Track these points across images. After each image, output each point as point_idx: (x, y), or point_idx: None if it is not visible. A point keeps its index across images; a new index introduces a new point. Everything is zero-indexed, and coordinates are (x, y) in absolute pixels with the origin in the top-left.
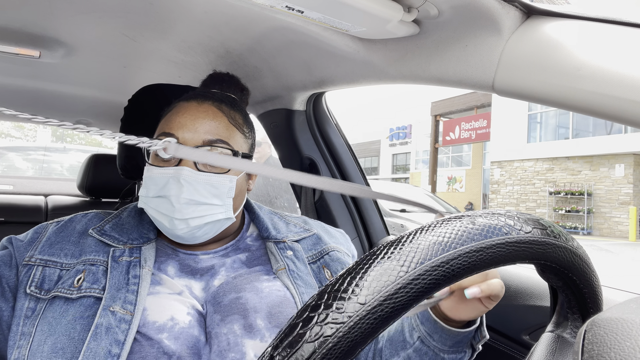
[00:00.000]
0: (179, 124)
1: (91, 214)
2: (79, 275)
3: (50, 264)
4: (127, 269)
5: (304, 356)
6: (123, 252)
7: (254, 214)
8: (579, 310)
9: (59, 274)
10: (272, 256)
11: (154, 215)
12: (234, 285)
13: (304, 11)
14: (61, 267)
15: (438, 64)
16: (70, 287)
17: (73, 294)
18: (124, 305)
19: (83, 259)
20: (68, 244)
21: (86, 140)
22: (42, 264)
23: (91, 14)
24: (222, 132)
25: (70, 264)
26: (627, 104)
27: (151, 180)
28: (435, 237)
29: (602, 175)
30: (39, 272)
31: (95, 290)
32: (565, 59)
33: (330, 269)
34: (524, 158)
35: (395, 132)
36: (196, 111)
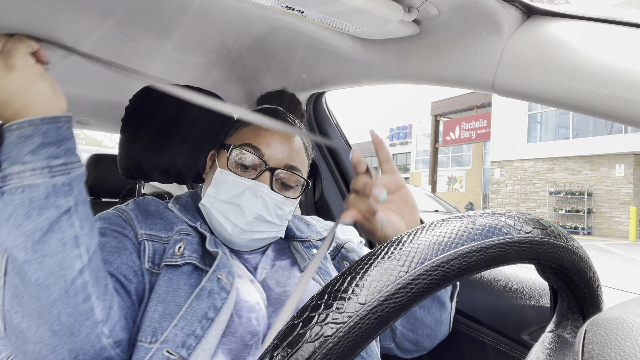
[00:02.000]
0: (268, 141)
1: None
2: (178, 244)
3: (155, 239)
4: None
5: (304, 356)
6: (206, 230)
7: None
8: (579, 310)
9: (163, 247)
10: (297, 254)
11: (218, 217)
12: (276, 280)
13: (304, 11)
14: (162, 241)
15: (438, 64)
16: (173, 256)
17: (177, 261)
18: (228, 276)
19: (177, 230)
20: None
21: (86, 140)
22: (149, 238)
23: (91, 14)
24: (301, 160)
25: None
26: (627, 104)
27: (225, 185)
28: (436, 237)
29: (602, 175)
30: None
31: (195, 259)
32: (565, 59)
33: (349, 260)
34: (524, 158)
35: (395, 132)
36: (285, 136)
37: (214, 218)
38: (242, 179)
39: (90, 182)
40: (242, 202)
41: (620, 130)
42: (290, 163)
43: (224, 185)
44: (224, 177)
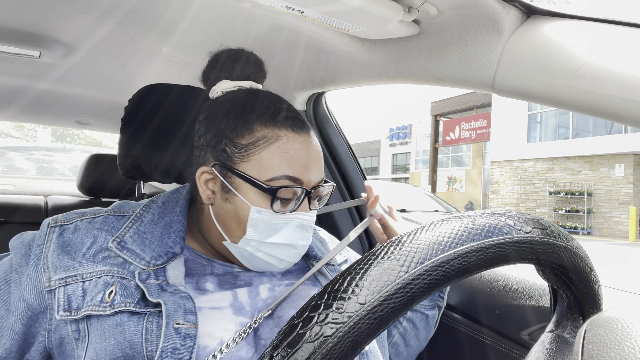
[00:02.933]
0: (305, 166)
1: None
2: (109, 288)
3: (70, 280)
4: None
5: (304, 356)
6: (148, 275)
7: None
8: (579, 310)
9: (82, 287)
10: (321, 276)
11: (266, 259)
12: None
13: (304, 11)
14: (82, 279)
15: (438, 64)
16: (101, 303)
17: (106, 310)
18: (186, 315)
19: (108, 269)
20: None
21: (86, 140)
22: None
23: (91, 14)
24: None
25: (92, 273)
26: (627, 104)
27: (268, 225)
28: (435, 237)
29: (602, 175)
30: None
31: (130, 304)
32: (565, 59)
33: None
34: (524, 158)
35: (395, 132)
36: (313, 150)
37: (257, 259)
38: (288, 215)
39: (90, 182)
40: (294, 240)
41: (620, 130)
42: (322, 176)
43: (267, 227)
44: (265, 217)
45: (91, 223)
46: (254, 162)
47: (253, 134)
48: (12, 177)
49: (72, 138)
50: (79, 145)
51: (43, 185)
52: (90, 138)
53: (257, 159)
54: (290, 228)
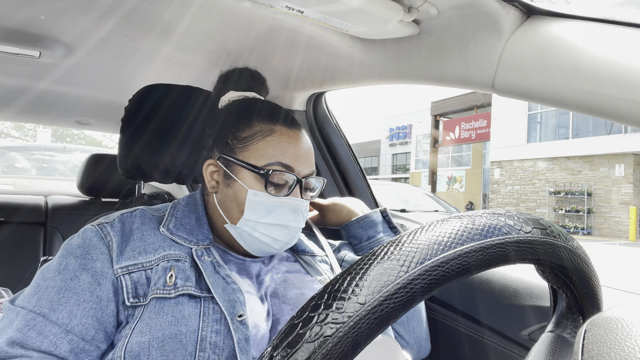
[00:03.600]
0: (296, 156)
1: (136, 211)
2: (169, 272)
3: (133, 268)
4: (214, 269)
5: (304, 356)
6: (202, 252)
7: None
8: (579, 310)
9: (145, 275)
10: (309, 267)
11: (261, 239)
12: (292, 283)
13: (304, 11)
14: (143, 267)
15: (438, 64)
16: (164, 287)
17: (171, 293)
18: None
19: (163, 255)
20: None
21: (86, 140)
22: (126, 272)
23: (91, 14)
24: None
25: (151, 262)
26: (627, 104)
27: (265, 207)
28: (435, 237)
29: (602, 175)
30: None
31: (190, 288)
32: (565, 59)
33: None
34: (524, 158)
35: (395, 132)
36: (304, 143)
37: (254, 239)
38: (281, 198)
39: (90, 182)
40: (287, 221)
41: (620, 130)
42: (313, 168)
43: (263, 207)
44: (260, 199)
45: (132, 216)
46: (252, 151)
47: (252, 128)
48: (12, 177)
49: (72, 138)
50: (79, 145)
51: (43, 185)
52: (90, 138)
53: (255, 149)
54: (284, 210)
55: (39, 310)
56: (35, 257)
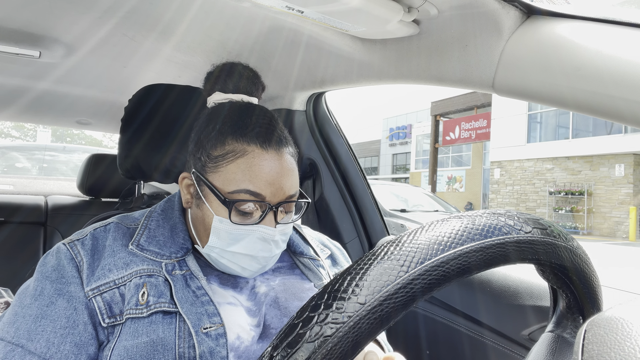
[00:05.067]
0: (269, 182)
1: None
2: (141, 290)
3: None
4: (185, 282)
5: (304, 356)
6: (174, 266)
7: None
8: (579, 310)
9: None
10: (309, 272)
11: (230, 266)
12: (292, 292)
13: (304, 11)
14: (115, 284)
15: (438, 64)
16: (137, 306)
17: (143, 312)
18: (210, 319)
19: (135, 270)
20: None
21: (86, 140)
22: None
23: (91, 14)
24: (296, 182)
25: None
26: (627, 104)
27: (229, 235)
28: (435, 237)
29: (602, 175)
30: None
31: (163, 304)
32: (565, 59)
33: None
34: (524, 158)
35: (395, 132)
36: (280, 166)
37: (223, 265)
38: (248, 227)
39: (90, 182)
40: (255, 251)
41: (620, 130)
42: (291, 192)
43: (229, 236)
44: (226, 227)
45: (105, 231)
46: (221, 174)
47: (224, 146)
48: (12, 177)
49: (72, 138)
50: (80, 145)
51: (43, 185)
52: (90, 138)
53: (224, 171)
54: (252, 240)
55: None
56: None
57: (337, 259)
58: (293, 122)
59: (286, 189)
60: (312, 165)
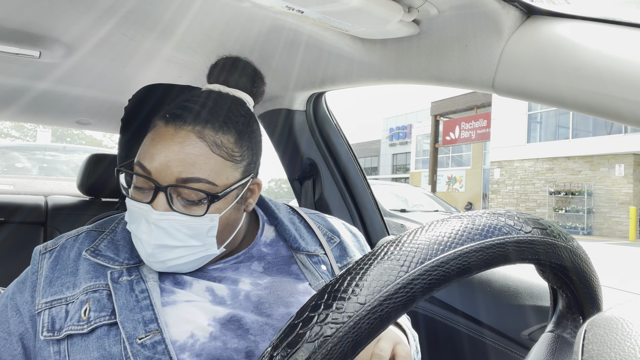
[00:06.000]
0: (151, 155)
1: (82, 235)
2: (84, 306)
3: (55, 303)
4: (130, 287)
5: (304, 356)
6: (121, 273)
7: (274, 217)
8: (579, 310)
9: (65, 309)
10: (305, 270)
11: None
12: (279, 295)
13: (304, 11)
14: (66, 302)
15: (438, 64)
16: (79, 322)
17: (84, 328)
18: (146, 326)
19: (84, 287)
20: (66, 276)
21: (86, 140)
22: (48, 307)
23: (91, 14)
24: (200, 167)
25: (74, 295)
26: (627, 104)
27: (129, 212)
28: (435, 237)
29: (602, 175)
30: (47, 316)
31: (104, 318)
32: (565, 59)
33: None
34: (524, 158)
35: (395, 132)
36: (171, 141)
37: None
38: (139, 204)
39: (90, 182)
40: (139, 232)
41: (620, 130)
42: (183, 175)
43: (128, 213)
44: (128, 202)
45: (76, 240)
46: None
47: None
48: (12, 177)
49: (72, 138)
50: (80, 145)
51: (43, 185)
52: (90, 138)
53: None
54: (138, 219)
55: None
56: None
57: (347, 248)
58: (293, 122)
59: (174, 169)
60: (312, 165)
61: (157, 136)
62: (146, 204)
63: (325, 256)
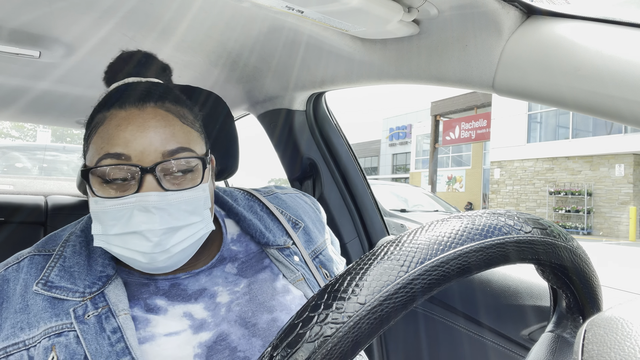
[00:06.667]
0: (126, 140)
1: (24, 262)
2: (50, 354)
3: (12, 349)
4: (100, 326)
5: (304, 356)
6: (85, 307)
7: (233, 212)
8: (579, 310)
9: (27, 355)
10: (279, 263)
11: (123, 253)
12: (260, 302)
13: (304, 11)
14: (25, 346)
15: (438, 64)
16: None
17: None
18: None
19: (44, 329)
20: (16, 315)
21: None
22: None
23: (91, 14)
24: (180, 138)
25: (34, 338)
26: (627, 104)
27: (108, 215)
28: (435, 236)
29: (602, 175)
30: None
31: None
32: (565, 59)
33: (328, 269)
34: (524, 158)
35: (395, 132)
36: (141, 119)
37: (121, 257)
38: (123, 199)
39: None
40: (137, 226)
41: (620, 130)
42: (169, 148)
43: (106, 216)
44: (101, 207)
45: (18, 270)
46: (89, 152)
47: (91, 124)
48: (12, 177)
49: (72, 138)
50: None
51: (43, 185)
52: None
53: (91, 148)
54: (132, 213)
55: None
56: None
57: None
58: (293, 122)
59: (157, 143)
60: (312, 165)
61: (121, 121)
62: (132, 195)
63: (295, 246)
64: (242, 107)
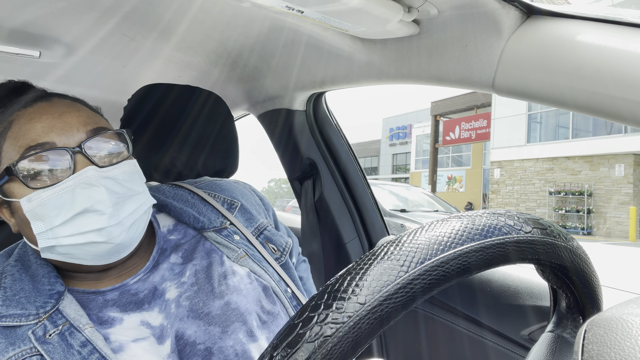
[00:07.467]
0: (46, 128)
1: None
2: None
3: None
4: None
5: (304, 356)
6: (44, 327)
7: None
8: (579, 310)
9: None
10: (220, 245)
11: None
12: (208, 290)
13: (304, 11)
14: None
15: (438, 64)
16: None
17: None
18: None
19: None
20: None
21: None
22: None
23: (91, 14)
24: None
25: None
26: (627, 104)
27: (47, 206)
28: (435, 236)
29: (602, 175)
30: None
31: None
32: (565, 59)
33: (275, 244)
34: (524, 158)
35: (395, 132)
36: (53, 109)
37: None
38: (61, 184)
39: None
40: (84, 203)
41: (620, 131)
42: (90, 127)
43: (46, 208)
44: (37, 201)
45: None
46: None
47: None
48: None
49: None
50: None
51: None
52: None
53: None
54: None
55: None
56: None
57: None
58: (293, 122)
59: (76, 124)
60: (312, 165)
61: (33, 115)
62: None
63: (233, 226)
64: (242, 107)
